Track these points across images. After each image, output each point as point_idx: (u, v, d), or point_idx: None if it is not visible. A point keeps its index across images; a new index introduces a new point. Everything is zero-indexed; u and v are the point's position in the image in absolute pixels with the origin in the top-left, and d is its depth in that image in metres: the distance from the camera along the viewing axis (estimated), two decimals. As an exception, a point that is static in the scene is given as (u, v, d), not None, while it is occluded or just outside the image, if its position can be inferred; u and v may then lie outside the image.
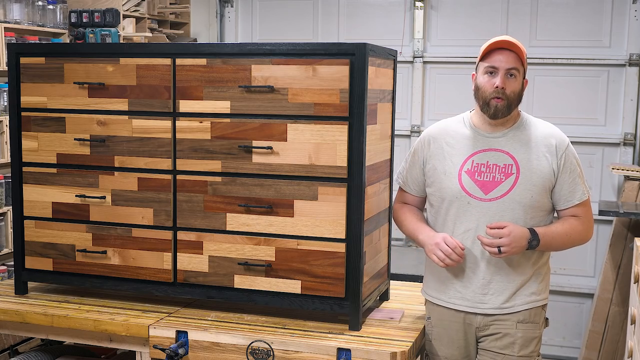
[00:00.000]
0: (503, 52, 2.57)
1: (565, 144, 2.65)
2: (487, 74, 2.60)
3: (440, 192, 2.69)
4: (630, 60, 5.29)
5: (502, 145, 2.65)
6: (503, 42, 2.58)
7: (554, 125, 2.72)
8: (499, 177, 2.61)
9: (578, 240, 2.68)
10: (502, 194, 2.60)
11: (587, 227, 2.70)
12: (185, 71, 2.79)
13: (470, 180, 2.63)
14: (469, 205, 2.63)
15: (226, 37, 6.26)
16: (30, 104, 3.01)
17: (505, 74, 2.57)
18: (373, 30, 5.81)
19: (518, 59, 2.58)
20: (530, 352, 2.64)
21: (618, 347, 4.84)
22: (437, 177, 2.70)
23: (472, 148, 2.67)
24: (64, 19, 5.20)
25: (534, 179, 2.60)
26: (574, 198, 2.64)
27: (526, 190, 2.60)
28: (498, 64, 2.57)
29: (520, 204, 2.59)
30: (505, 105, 2.58)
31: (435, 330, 2.75)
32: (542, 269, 2.69)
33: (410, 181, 2.83)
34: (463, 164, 2.66)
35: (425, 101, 5.78)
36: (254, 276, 2.79)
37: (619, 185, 5.33)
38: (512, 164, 2.61)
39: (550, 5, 5.46)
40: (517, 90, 2.59)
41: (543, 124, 2.71)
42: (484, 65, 2.60)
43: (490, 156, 2.64)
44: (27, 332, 2.99)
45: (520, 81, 2.61)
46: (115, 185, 2.93)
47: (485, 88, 2.59)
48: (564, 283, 5.53)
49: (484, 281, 2.64)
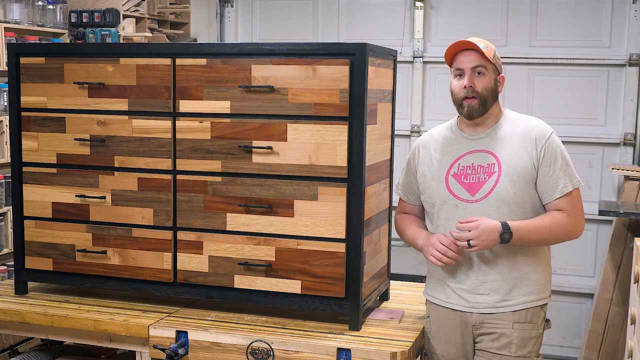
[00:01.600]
0: (465, 53, 2.62)
1: (546, 136, 2.62)
2: (457, 77, 2.65)
3: (431, 198, 2.73)
4: (630, 60, 5.29)
5: (485, 145, 2.66)
6: (462, 42, 2.62)
7: (539, 119, 2.71)
8: (483, 177, 2.63)
9: (563, 235, 2.61)
10: (486, 193, 2.61)
11: (574, 221, 2.61)
12: (185, 71, 2.79)
13: (457, 183, 2.66)
14: (457, 208, 2.65)
15: (226, 37, 6.26)
16: (30, 104, 3.01)
17: (472, 73, 2.61)
18: (373, 30, 5.81)
19: (481, 57, 2.61)
20: (527, 352, 2.64)
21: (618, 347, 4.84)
22: (427, 183, 2.74)
23: (457, 151, 2.70)
24: (64, 19, 5.20)
25: (514, 175, 2.59)
26: (555, 190, 2.60)
27: (508, 186, 2.59)
28: (463, 65, 2.62)
29: (504, 201, 2.59)
30: (478, 103, 2.61)
31: (433, 328, 2.76)
32: (540, 268, 2.67)
33: (407, 191, 2.87)
34: (450, 168, 2.68)
35: (425, 101, 5.78)
36: (254, 276, 2.79)
37: (619, 185, 5.32)
38: (495, 162, 2.62)
39: (550, 5, 5.46)
40: (488, 86, 2.62)
41: (525, 119, 2.70)
42: (452, 70, 2.67)
43: (475, 158, 2.66)
44: (27, 332, 2.99)
45: (490, 77, 2.63)
46: (115, 185, 2.93)
47: (456, 90, 2.64)
48: (564, 283, 5.53)
49: (478, 281, 2.65)
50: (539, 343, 2.68)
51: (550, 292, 2.72)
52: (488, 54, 2.60)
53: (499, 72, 2.67)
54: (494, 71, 2.64)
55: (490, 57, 2.61)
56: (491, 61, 2.62)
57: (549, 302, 2.70)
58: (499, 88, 2.67)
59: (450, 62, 2.67)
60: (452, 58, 2.66)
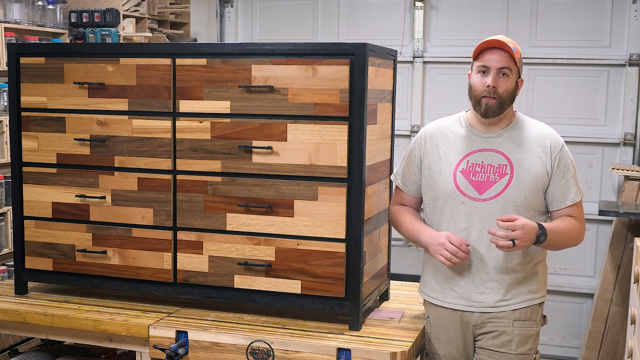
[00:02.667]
0: (495, 52, 2.58)
1: (560, 145, 2.65)
2: (480, 73, 2.61)
3: (435, 192, 2.69)
4: (630, 60, 5.29)
5: (497, 145, 2.65)
6: (495, 41, 2.59)
7: (549, 125, 2.72)
8: (494, 178, 2.61)
9: (575, 240, 2.68)
10: (496, 194, 2.60)
11: (582, 227, 2.70)
12: (185, 71, 2.79)
13: (465, 180, 2.64)
14: (463, 205, 2.63)
15: (226, 37, 6.26)
16: (30, 104, 3.01)
17: (497, 73, 2.58)
18: (373, 30, 5.80)
19: (510, 58, 2.58)
20: (527, 350, 2.65)
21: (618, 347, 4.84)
22: (432, 176, 2.70)
23: (467, 148, 2.67)
24: (64, 19, 5.20)
25: (527, 180, 2.60)
26: (567, 199, 2.64)
27: (519, 190, 2.60)
28: (490, 63, 2.58)
29: (513, 204, 2.59)
30: (496, 104, 2.59)
31: (434, 329, 2.76)
32: (538, 267, 2.69)
33: (407, 181, 2.82)
34: (458, 164, 2.66)
35: (425, 101, 5.78)
36: (254, 276, 2.79)
37: (619, 185, 5.32)
38: (507, 164, 2.62)
39: (550, 5, 5.45)
40: (509, 89, 2.60)
41: (538, 125, 2.71)
42: (476, 65, 2.62)
43: (485, 156, 2.65)
44: (27, 332, 2.99)
45: (513, 80, 2.61)
46: (115, 185, 2.93)
47: (477, 87, 2.60)
48: (564, 283, 5.52)
49: (479, 280, 2.65)
50: (537, 340, 2.70)
51: (546, 290, 2.74)
52: (516, 56, 2.58)
53: (519, 75, 2.65)
54: (516, 74, 2.62)
55: (517, 60, 2.59)
56: (517, 64, 2.60)
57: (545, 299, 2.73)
58: (517, 91, 2.65)
59: (475, 57, 2.62)
60: (479, 53, 2.61)
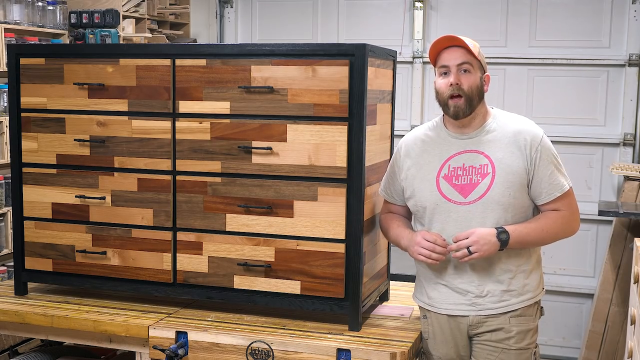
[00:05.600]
0: (450, 50, 2.56)
1: (539, 139, 2.59)
2: (442, 75, 2.58)
3: (421, 201, 2.65)
4: (629, 61, 5.29)
5: (476, 145, 2.61)
6: (446, 39, 2.56)
7: (527, 118, 2.67)
8: (476, 179, 2.57)
9: (562, 232, 2.63)
10: (480, 195, 2.56)
11: (571, 218, 2.63)
12: (184, 72, 2.80)
13: (449, 186, 2.60)
14: (451, 212, 2.60)
15: (226, 38, 6.26)
16: (30, 104, 3.01)
17: (458, 70, 2.55)
18: (373, 30, 5.81)
19: (468, 54, 2.55)
20: (527, 344, 2.63)
21: (618, 347, 4.84)
22: (415, 186, 2.66)
23: (447, 152, 2.63)
24: (63, 19, 5.20)
25: (509, 177, 2.56)
26: (555, 191, 2.58)
27: (504, 189, 2.56)
28: (448, 62, 2.55)
29: (499, 203, 2.56)
30: (464, 102, 2.55)
31: (430, 329, 2.74)
32: (532, 267, 2.65)
33: (393, 192, 2.78)
34: (440, 170, 2.62)
35: (425, 101, 5.77)
36: (253, 277, 2.80)
37: (619, 185, 5.32)
38: (488, 163, 2.57)
39: (550, 5, 5.45)
40: (474, 84, 2.56)
41: (515, 120, 2.65)
42: (437, 69, 2.60)
43: (465, 158, 2.60)
44: (27, 333, 3.00)
45: (476, 75, 2.57)
46: (115, 186, 2.93)
47: (441, 89, 2.57)
48: (564, 283, 5.52)
49: (474, 285, 2.61)
50: (536, 334, 2.68)
51: (543, 286, 2.71)
52: (474, 51, 2.55)
53: (484, 71, 2.61)
54: (479, 69, 2.58)
55: (476, 53, 2.56)
56: (477, 57, 2.56)
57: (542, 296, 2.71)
58: (484, 87, 2.61)
59: (435, 61, 2.61)
60: (437, 56, 2.59)
